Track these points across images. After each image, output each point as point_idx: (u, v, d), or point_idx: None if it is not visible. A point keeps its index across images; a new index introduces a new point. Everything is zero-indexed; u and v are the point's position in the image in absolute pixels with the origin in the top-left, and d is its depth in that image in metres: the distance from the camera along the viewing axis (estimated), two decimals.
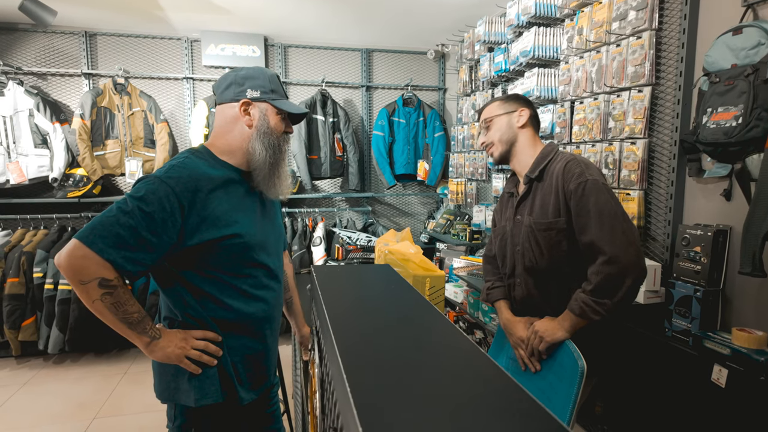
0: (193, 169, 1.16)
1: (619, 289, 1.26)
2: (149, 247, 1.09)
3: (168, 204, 1.09)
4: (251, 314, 1.25)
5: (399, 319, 0.73)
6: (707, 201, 1.77)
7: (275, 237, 1.37)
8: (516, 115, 1.54)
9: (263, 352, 1.30)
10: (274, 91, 1.25)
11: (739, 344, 1.53)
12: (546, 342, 1.31)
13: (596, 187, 1.32)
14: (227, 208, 1.19)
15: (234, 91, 1.23)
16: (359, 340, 0.60)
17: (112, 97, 3.56)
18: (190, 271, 1.18)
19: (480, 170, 3.46)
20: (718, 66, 1.61)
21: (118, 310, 1.09)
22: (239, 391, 1.22)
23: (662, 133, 1.92)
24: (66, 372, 3.26)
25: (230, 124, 1.24)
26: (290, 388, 2.58)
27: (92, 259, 1.04)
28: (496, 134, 1.55)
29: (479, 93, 3.45)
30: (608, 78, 2.11)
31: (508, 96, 1.60)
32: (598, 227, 1.30)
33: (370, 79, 4.35)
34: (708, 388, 1.57)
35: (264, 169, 1.25)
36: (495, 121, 1.56)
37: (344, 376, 0.48)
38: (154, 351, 1.14)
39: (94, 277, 1.05)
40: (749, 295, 1.62)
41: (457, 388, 0.48)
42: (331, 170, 4.01)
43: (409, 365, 0.54)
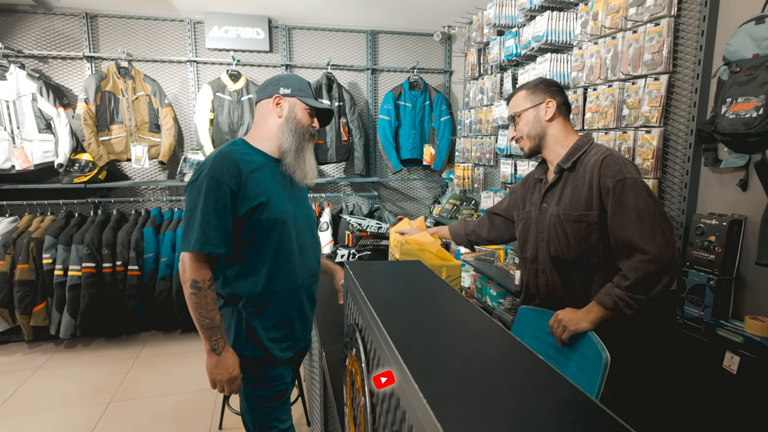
0: (233, 156, 1.36)
1: (656, 286, 1.28)
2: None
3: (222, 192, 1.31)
4: (283, 286, 1.42)
5: (445, 320, 0.74)
6: (722, 191, 1.78)
7: (305, 215, 1.54)
8: (543, 108, 1.51)
9: (296, 320, 1.48)
10: (302, 90, 1.49)
11: (752, 332, 1.56)
12: (569, 332, 1.33)
13: (635, 185, 1.32)
14: (261, 184, 1.38)
15: (270, 90, 1.48)
16: (414, 340, 0.62)
17: (116, 81, 3.51)
18: (231, 248, 1.35)
19: (488, 155, 3.45)
20: (739, 55, 1.60)
21: (198, 309, 1.31)
22: (273, 351, 1.43)
23: (678, 122, 1.92)
24: (78, 356, 3.30)
25: (265, 116, 1.48)
26: (303, 372, 2.63)
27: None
28: (524, 129, 1.54)
29: (487, 77, 3.42)
30: (624, 65, 2.09)
31: (536, 84, 1.55)
32: (637, 226, 1.30)
33: (376, 62, 4.30)
34: (719, 375, 1.61)
35: (291, 151, 1.46)
36: (522, 116, 1.54)
37: (414, 384, 0.49)
38: (209, 359, 1.33)
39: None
40: (762, 285, 1.64)
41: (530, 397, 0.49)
42: (337, 155, 4.00)
43: (468, 364, 0.55)
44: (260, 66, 4.04)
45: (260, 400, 1.44)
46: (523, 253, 1.66)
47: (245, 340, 1.40)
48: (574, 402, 0.47)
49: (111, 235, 3.38)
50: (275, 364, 1.44)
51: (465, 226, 1.96)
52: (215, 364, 1.32)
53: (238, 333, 1.39)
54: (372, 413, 0.70)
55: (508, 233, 1.85)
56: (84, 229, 3.39)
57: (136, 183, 3.76)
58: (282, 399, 1.49)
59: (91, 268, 3.27)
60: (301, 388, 2.45)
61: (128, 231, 3.43)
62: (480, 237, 1.91)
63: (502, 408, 0.45)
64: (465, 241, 1.96)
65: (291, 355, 1.49)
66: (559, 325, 1.40)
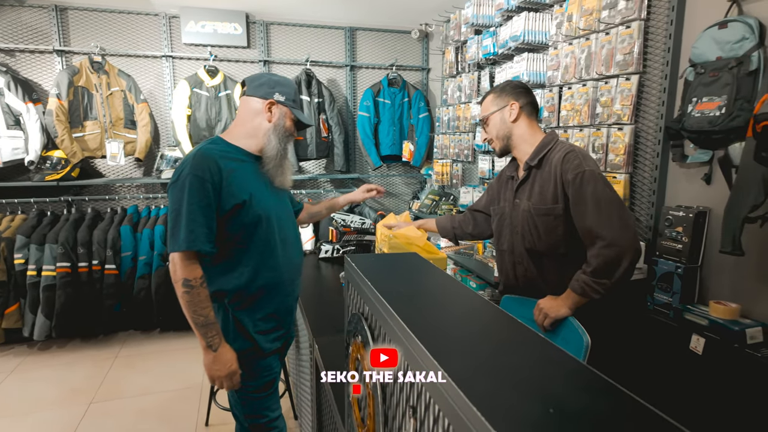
0: (212, 154, 1.36)
1: (617, 270, 1.37)
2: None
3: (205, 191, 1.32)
4: (269, 280, 1.45)
5: (446, 298, 0.80)
6: (689, 184, 1.90)
7: (287, 210, 1.57)
8: (507, 110, 1.59)
9: (282, 312, 1.52)
10: (294, 101, 1.52)
11: (716, 315, 1.68)
12: (551, 318, 1.41)
13: (593, 177, 1.41)
14: (242, 182, 1.39)
15: (265, 90, 1.46)
16: (423, 320, 0.67)
17: (89, 76, 3.43)
18: (216, 245, 1.35)
19: (466, 152, 3.53)
20: (704, 58, 1.71)
21: (191, 306, 1.32)
22: (261, 342, 1.45)
23: (648, 120, 2.03)
24: (54, 358, 3.22)
25: (252, 115, 1.46)
26: (289, 366, 2.65)
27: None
28: (492, 131, 1.63)
29: (465, 75, 3.50)
30: (597, 65, 2.19)
31: (502, 87, 1.64)
32: (596, 214, 1.39)
33: (354, 59, 4.32)
34: (686, 356, 1.73)
35: (275, 159, 1.48)
36: (490, 118, 1.63)
37: (432, 359, 0.54)
38: (206, 356, 1.34)
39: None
40: (725, 271, 1.77)
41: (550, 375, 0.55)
42: (317, 151, 4.01)
43: (472, 339, 0.61)
44: (238, 62, 4.01)
45: (250, 391, 1.47)
46: (500, 246, 1.74)
47: (233, 333, 1.42)
48: (580, 372, 0.53)
49: (86, 233, 3.31)
50: (264, 355, 1.47)
51: (451, 220, 2.03)
52: (213, 361, 1.33)
53: (225, 327, 1.41)
54: (383, 392, 0.74)
55: (489, 229, 1.93)
56: (57, 228, 3.31)
57: (111, 180, 3.68)
58: (271, 389, 1.52)
59: (66, 268, 3.20)
60: (287, 382, 2.47)
61: (104, 229, 3.36)
62: (465, 232, 1.99)
63: (523, 380, 0.50)
64: (451, 235, 2.03)
65: (278, 345, 1.53)
66: (541, 312, 1.48)
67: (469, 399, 0.45)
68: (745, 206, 1.46)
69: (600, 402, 0.46)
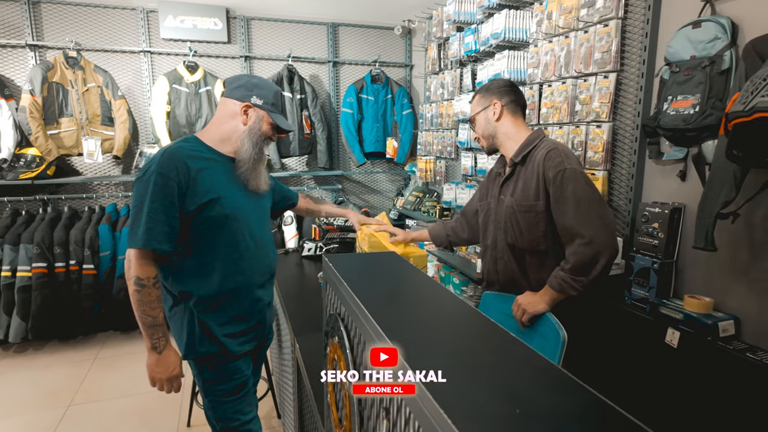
0: (181, 153, 1.33)
1: (594, 268, 1.39)
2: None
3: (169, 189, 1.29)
4: (237, 283, 1.42)
5: (420, 298, 0.80)
6: (664, 181, 1.94)
7: (260, 211, 1.54)
8: (491, 110, 1.62)
9: (250, 313, 1.49)
10: (274, 105, 1.47)
11: (690, 309, 1.72)
12: (528, 313, 1.43)
13: (574, 175, 1.42)
14: (211, 181, 1.36)
15: (242, 93, 1.43)
16: (400, 324, 0.66)
17: (65, 71, 3.34)
18: (180, 245, 1.34)
19: (449, 148, 3.54)
20: (678, 57, 1.74)
21: (141, 305, 1.29)
22: (229, 345, 1.43)
23: (625, 118, 2.06)
24: (30, 360, 3.15)
25: (228, 118, 1.44)
26: (272, 365, 2.64)
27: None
28: (479, 130, 1.67)
29: (448, 72, 3.50)
30: (576, 63, 2.21)
31: (486, 87, 1.66)
32: (576, 212, 1.41)
33: (337, 55, 4.30)
34: (662, 349, 1.77)
35: (248, 163, 1.44)
36: (477, 118, 1.66)
37: (405, 363, 0.54)
38: (149, 357, 1.34)
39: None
40: (699, 266, 1.81)
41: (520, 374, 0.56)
42: (300, 148, 3.98)
43: (446, 341, 0.61)
44: (218, 57, 3.95)
45: (220, 395, 1.45)
46: (485, 241, 1.76)
47: (199, 337, 1.39)
48: (549, 372, 0.53)
49: (63, 233, 3.24)
50: (233, 358, 1.44)
51: (444, 227, 2.03)
52: (155, 363, 1.33)
53: (191, 330, 1.38)
54: (359, 403, 0.74)
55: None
56: (33, 227, 3.23)
57: (88, 179, 3.60)
58: (242, 391, 1.49)
59: (43, 269, 3.13)
60: (270, 381, 2.46)
61: (82, 229, 3.29)
62: (460, 238, 1.99)
63: (493, 382, 0.50)
64: (446, 242, 2.03)
65: (249, 348, 1.50)
66: (519, 308, 1.50)
67: (436, 401, 0.45)
68: (718, 203, 1.49)
69: (567, 402, 0.47)
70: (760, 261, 1.59)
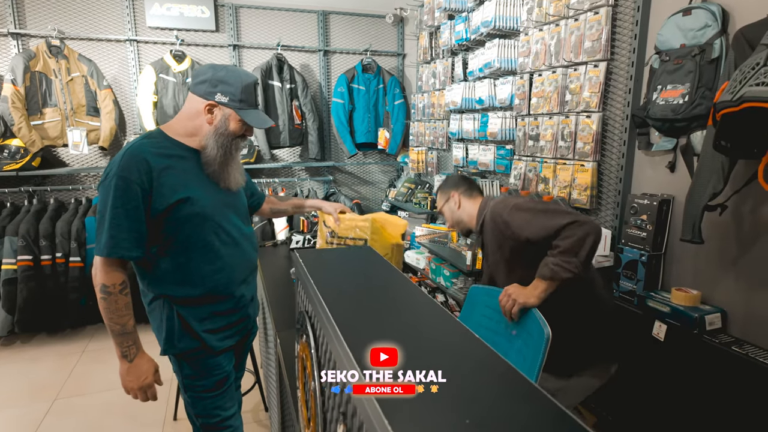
0: (143, 152, 1.26)
1: (583, 247, 1.38)
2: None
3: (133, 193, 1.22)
4: (215, 281, 1.38)
5: (388, 298, 0.77)
6: (654, 172, 1.91)
7: (235, 206, 1.46)
8: (452, 201, 1.78)
9: (231, 310, 1.45)
10: (242, 101, 1.34)
11: (677, 302, 1.70)
12: (519, 304, 1.39)
13: (516, 204, 1.55)
14: (178, 179, 1.29)
15: (205, 89, 1.32)
16: (357, 320, 0.64)
17: (47, 60, 3.27)
18: (153, 247, 1.29)
19: (440, 139, 3.50)
20: (668, 45, 1.70)
21: (109, 312, 1.27)
22: (209, 341, 1.39)
23: (615, 108, 2.03)
24: (17, 353, 3.13)
25: (194, 114, 1.34)
26: (260, 358, 2.62)
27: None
28: (449, 221, 1.84)
29: (439, 61, 3.45)
30: (566, 52, 2.17)
31: (443, 184, 1.85)
32: (546, 217, 1.45)
33: (328, 43, 4.23)
34: (649, 343, 1.75)
35: (213, 165, 1.36)
36: (443, 210, 1.83)
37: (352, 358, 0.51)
38: (121, 366, 1.30)
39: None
40: (687, 259, 1.79)
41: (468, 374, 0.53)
42: (290, 139, 3.93)
43: (409, 345, 0.58)
44: (206, 46, 3.88)
45: (200, 390, 1.42)
46: None
47: (178, 333, 1.35)
48: (507, 378, 0.51)
49: (49, 225, 3.19)
50: (213, 353, 1.41)
51: None
52: (127, 371, 1.29)
53: (170, 326, 1.35)
54: (321, 396, 0.72)
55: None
56: (18, 219, 3.18)
57: (74, 170, 3.55)
58: (223, 387, 1.46)
59: (28, 261, 3.09)
60: (257, 374, 2.44)
61: (68, 221, 3.25)
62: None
63: (445, 389, 0.47)
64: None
65: (231, 343, 1.46)
66: (510, 299, 1.46)
67: (380, 408, 0.42)
68: (705, 194, 1.47)
69: (521, 412, 0.44)
70: (747, 254, 1.57)
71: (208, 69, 1.34)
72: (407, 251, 3.53)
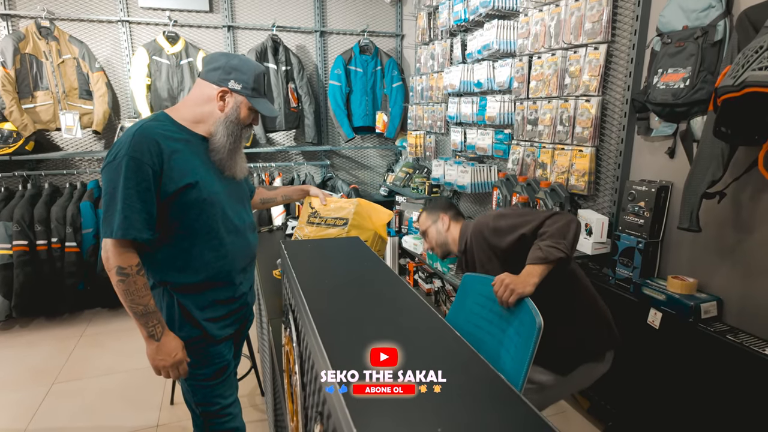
0: (153, 133, 1.24)
1: (569, 231, 1.40)
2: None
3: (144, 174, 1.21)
4: (218, 269, 1.37)
5: (371, 294, 0.75)
6: (653, 158, 1.87)
7: (238, 194, 1.46)
8: (440, 222, 1.78)
9: (232, 298, 1.44)
10: (254, 90, 1.36)
11: (673, 290, 1.69)
12: (517, 294, 1.35)
13: (498, 214, 1.59)
14: (186, 164, 1.28)
15: (219, 76, 1.32)
16: (335, 316, 0.62)
17: (37, 42, 3.20)
18: (157, 232, 1.27)
19: (439, 123, 3.45)
20: (670, 26, 1.65)
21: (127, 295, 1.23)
22: (210, 330, 1.39)
23: (615, 92, 1.98)
24: (15, 338, 3.14)
25: (204, 101, 1.34)
26: (256, 344, 2.63)
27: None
28: (432, 241, 1.82)
29: (438, 42, 3.38)
30: (566, 33, 2.12)
31: (431, 204, 1.87)
32: (529, 214, 1.49)
33: (324, 24, 4.14)
34: (644, 330, 1.74)
35: (222, 152, 1.35)
36: (428, 231, 1.83)
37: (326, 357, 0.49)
38: (148, 347, 1.28)
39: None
40: (684, 246, 1.77)
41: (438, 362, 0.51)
42: (286, 122, 3.88)
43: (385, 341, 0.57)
44: (200, 27, 3.80)
45: (201, 379, 1.42)
46: None
47: (179, 321, 1.35)
48: (487, 381, 0.49)
49: (44, 210, 3.17)
50: (214, 342, 1.41)
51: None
52: (156, 351, 1.27)
53: (170, 315, 1.34)
54: (302, 391, 0.70)
55: None
56: (12, 204, 3.16)
57: (69, 154, 3.51)
58: (223, 375, 1.46)
59: (24, 246, 3.07)
60: (254, 360, 2.45)
61: (63, 206, 3.22)
62: None
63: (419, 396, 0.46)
64: None
65: (231, 332, 1.46)
66: (506, 289, 1.42)
67: (349, 412, 0.40)
68: (704, 182, 1.44)
69: (495, 420, 0.42)
70: (745, 242, 1.55)
71: (221, 56, 1.34)
72: (404, 237, 3.51)
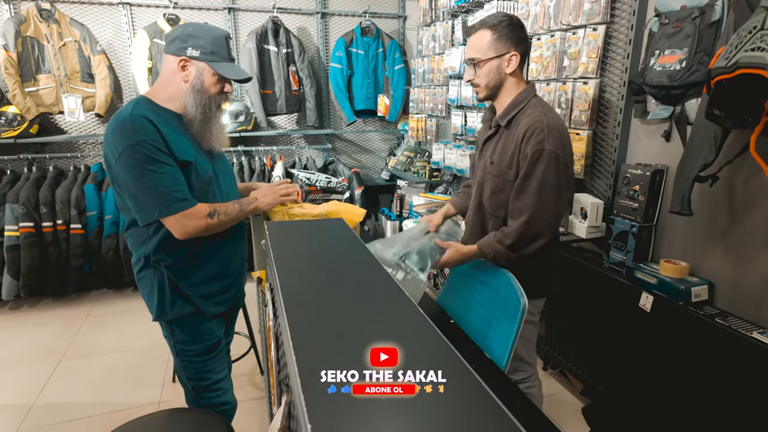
0: (147, 116, 1.27)
1: (532, 246, 1.38)
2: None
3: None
4: (210, 247, 1.41)
5: (351, 280, 0.77)
6: (649, 141, 1.86)
7: (225, 171, 1.51)
8: (506, 60, 1.41)
9: (226, 276, 1.49)
10: (213, 53, 1.33)
11: (665, 274, 1.69)
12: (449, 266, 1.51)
13: (550, 157, 1.32)
14: (179, 143, 1.32)
15: (176, 46, 1.32)
16: (308, 298, 0.63)
17: (38, 25, 3.21)
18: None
19: (440, 106, 3.43)
20: (668, 6, 1.62)
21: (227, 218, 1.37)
22: (203, 306, 1.43)
23: (613, 74, 1.95)
24: (24, 317, 3.22)
25: (171, 75, 1.35)
26: (256, 325, 2.68)
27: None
28: (483, 79, 1.44)
29: (439, 23, 3.34)
30: (565, 14, 2.08)
31: (503, 29, 1.39)
32: (535, 195, 1.35)
33: (326, 5, 4.09)
34: (636, 313, 1.75)
35: (195, 124, 1.37)
36: (484, 64, 1.42)
37: (291, 342, 0.51)
38: (260, 207, 1.46)
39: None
40: (678, 230, 1.76)
41: None
42: (287, 106, 3.87)
43: (355, 329, 0.58)
44: (200, 9, 3.77)
45: (192, 355, 1.46)
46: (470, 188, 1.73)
47: (171, 299, 1.38)
48: (462, 378, 0.50)
49: (48, 192, 3.22)
50: (206, 318, 1.44)
51: (465, 194, 1.82)
52: (262, 200, 1.47)
53: (161, 293, 1.37)
54: (277, 365, 0.73)
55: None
56: (18, 187, 3.20)
57: (73, 137, 3.55)
58: (214, 351, 1.50)
59: (30, 228, 3.13)
60: (253, 340, 2.50)
61: (67, 188, 3.27)
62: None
63: None
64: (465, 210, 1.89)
65: (223, 309, 1.50)
66: (443, 265, 1.54)
67: (308, 413, 0.42)
68: (696, 165, 1.43)
69: (461, 418, 0.44)
70: (737, 226, 1.54)
71: (177, 28, 1.35)
72: (405, 220, 3.52)
